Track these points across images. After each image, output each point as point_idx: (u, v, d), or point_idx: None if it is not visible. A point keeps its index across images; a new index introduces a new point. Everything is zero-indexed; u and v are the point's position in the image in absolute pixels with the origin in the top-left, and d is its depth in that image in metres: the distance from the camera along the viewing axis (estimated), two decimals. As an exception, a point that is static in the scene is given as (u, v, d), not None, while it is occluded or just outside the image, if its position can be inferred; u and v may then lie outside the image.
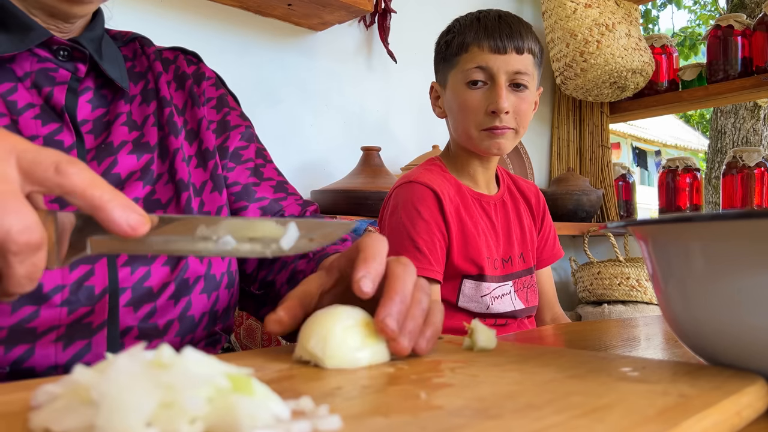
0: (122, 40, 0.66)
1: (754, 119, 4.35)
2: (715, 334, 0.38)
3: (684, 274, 0.38)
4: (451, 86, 1.06)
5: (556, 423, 0.26)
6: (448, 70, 1.06)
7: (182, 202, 0.57)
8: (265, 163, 0.69)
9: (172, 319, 0.54)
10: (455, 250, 1.02)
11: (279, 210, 0.67)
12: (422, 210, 1.00)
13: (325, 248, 0.61)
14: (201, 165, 0.62)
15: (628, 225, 0.41)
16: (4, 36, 0.52)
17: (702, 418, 0.27)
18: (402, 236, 1.00)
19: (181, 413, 0.23)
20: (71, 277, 0.50)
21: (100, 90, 0.59)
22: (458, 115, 1.04)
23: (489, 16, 1.03)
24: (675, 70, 2.24)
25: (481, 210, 1.08)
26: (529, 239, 1.14)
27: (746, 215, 0.33)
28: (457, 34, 1.04)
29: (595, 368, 0.37)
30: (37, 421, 0.25)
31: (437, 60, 1.11)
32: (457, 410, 0.28)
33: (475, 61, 1.01)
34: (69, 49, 0.56)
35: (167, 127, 0.61)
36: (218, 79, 0.70)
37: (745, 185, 1.99)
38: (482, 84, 1.01)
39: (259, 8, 1.49)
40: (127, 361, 0.24)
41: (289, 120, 1.61)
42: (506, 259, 1.09)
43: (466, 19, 1.06)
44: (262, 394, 0.25)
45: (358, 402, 0.30)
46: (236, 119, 0.67)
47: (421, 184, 1.02)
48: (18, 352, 0.47)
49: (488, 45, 1.00)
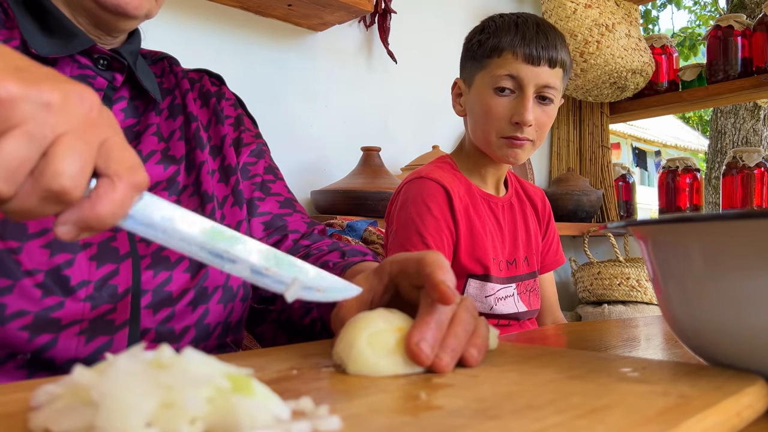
0: (152, 58, 0.69)
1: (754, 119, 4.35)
2: (715, 335, 0.38)
3: (684, 274, 0.38)
4: (476, 87, 1.04)
5: (556, 423, 0.26)
6: (476, 71, 1.04)
7: (206, 213, 0.59)
8: (276, 179, 0.70)
9: (189, 325, 0.56)
10: (462, 248, 1.02)
11: (282, 225, 0.67)
12: (432, 206, 1.00)
13: (347, 259, 0.60)
14: (223, 180, 0.63)
15: (628, 225, 0.41)
16: (49, 39, 0.54)
17: (702, 419, 0.27)
18: (410, 231, 0.99)
19: (181, 413, 0.23)
20: (97, 273, 0.51)
21: (133, 101, 0.61)
22: (480, 118, 1.03)
23: (528, 23, 1.01)
24: (675, 70, 2.24)
25: (489, 210, 1.08)
26: (534, 243, 1.14)
27: (746, 215, 0.33)
28: (492, 36, 1.01)
29: (595, 369, 0.37)
30: (37, 421, 0.25)
31: (465, 57, 1.08)
32: (457, 410, 0.28)
33: (507, 68, 0.99)
34: (108, 59, 0.58)
35: (194, 141, 0.62)
36: (237, 100, 0.72)
37: (745, 185, 1.99)
38: (509, 92, 1.00)
39: (258, 8, 1.49)
40: (127, 361, 0.24)
41: (289, 120, 1.61)
42: (511, 262, 1.09)
43: (504, 20, 1.02)
44: (262, 395, 0.25)
45: (358, 402, 0.30)
46: (249, 138, 0.69)
47: (432, 180, 1.02)
48: (42, 341, 0.47)
49: (523, 53, 0.98)
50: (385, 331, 0.38)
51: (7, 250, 0.47)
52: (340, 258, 0.61)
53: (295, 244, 0.66)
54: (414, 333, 0.37)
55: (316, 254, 0.64)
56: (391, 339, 0.38)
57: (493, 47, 1.00)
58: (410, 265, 0.43)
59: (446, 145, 2.03)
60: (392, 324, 0.39)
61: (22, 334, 0.46)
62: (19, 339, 0.46)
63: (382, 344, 0.37)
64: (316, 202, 1.57)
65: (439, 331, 0.38)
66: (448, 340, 0.38)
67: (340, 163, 1.69)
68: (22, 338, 0.47)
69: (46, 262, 0.48)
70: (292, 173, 1.58)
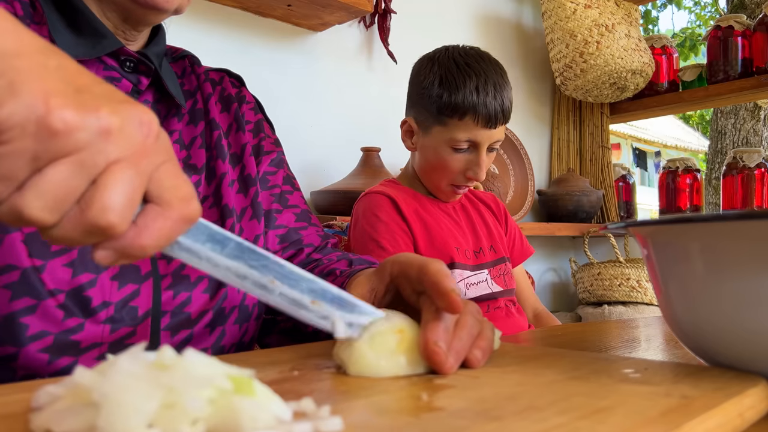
0: (172, 56, 0.66)
1: (754, 120, 4.35)
2: (716, 336, 0.37)
3: (684, 275, 0.38)
4: (432, 139, 1.06)
5: (558, 425, 0.26)
6: (433, 124, 1.05)
7: (227, 227, 0.57)
8: (293, 190, 0.69)
9: (206, 347, 0.55)
10: (421, 244, 1.06)
11: (297, 239, 0.66)
12: (380, 214, 1.05)
13: (354, 267, 0.60)
14: (242, 191, 0.62)
15: (628, 226, 0.41)
16: (78, 39, 0.53)
17: (704, 420, 0.27)
18: (365, 241, 1.03)
19: (183, 414, 0.23)
20: (118, 294, 0.50)
21: (156, 105, 0.60)
22: (433, 169, 1.08)
23: (487, 82, 1.02)
24: (675, 70, 2.24)
25: (440, 210, 1.13)
26: (496, 234, 1.18)
27: (746, 216, 0.33)
28: (452, 94, 1.01)
29: (597, 370, 0.37)
30: (39, 422, 0.24)
31: (419, 102, 1.08)
32: (459, 412, 0.28)
33: (467, 133, 1.02)
34: (135, 62, 0.56)
35: (215, 150, 0.61)
36: (257, 104, 0.71)
37: (745, 186, 1.99)
38: (465, 150, 1.05)
39: (258, 9, 1.49)
40: (128, 362, 0.24)
41: (289, 121, 1.61)
42: (477, 251, 1.14)
43: (462, 76, 1.02)
44: (263, 396, 0.25)
45: (360, 403, 0.30)
46: (269, 146, 0.68)
47: (376, 193, 1.08)
48: (62, 364, 0.47)
49: (483, 120, 1.01)
50: (386, 333, 0.38)
51: (33, 268, 0.46)
52: (347, 266, 0.61)
53: (308, 258, 0.66)
54: (430, 334, 0.37)
55: (326, 263, 0.63)
56: (392, 340, 0.38)
57: (454, 109, 1.01)
58: (411, 270, 0.42)
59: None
60: (393, 325, 0.39)
61: (42, 356, 0.46)
62: (39, 361, 0.46)
63: (383, 345, 0.37)
64: (315, 202, 1.57)
65: (447, 334, 0.38)
66: (453, 343, 0.38)
67: (340, 163, 1.69)
68: (42, 360, 0.46)
69: (68, 282, 0.47)
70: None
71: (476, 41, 2.15)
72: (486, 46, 1.17)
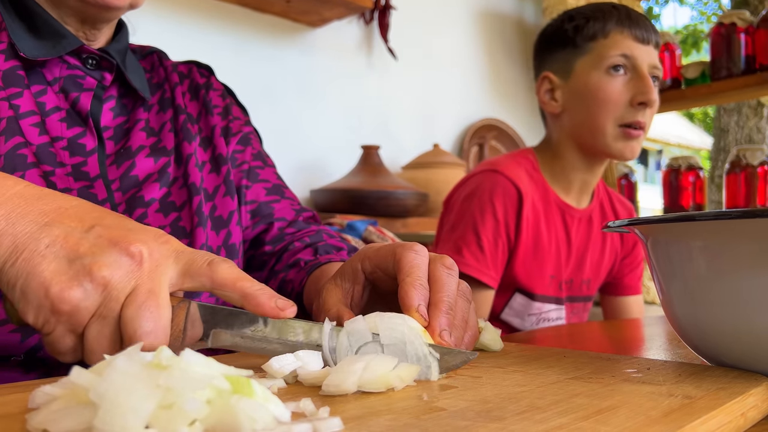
0: (141, 53, 0.69)
1: (757, 117, 4.34)
2: (718, 335, 0.37)
3: (687, 273, 0.38)
4: (580, 74, 0.96)
5: (560, 425, 0.26)
6: (575, 58, 0.97)
7: (194, 205, 0.59)
8: (265, 166, 0.70)
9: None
10: (520, 259, 0.95)
11: (268, 213, 0.67)
12: (497, 206, 0.93)
13: (318, 258, 0.61)
14: (215, 170, 0.64)
15: (630, 224, 0.41)
16: (37, 41, 0.54)
17: (707, 420, 0.27)
18: (467, 226, 0.93)
19: (181, 415, 0.23)
20: None
21: (122, 99, 0.62)
22: (593, 105, 0.94)
23: (623, 6, 0.96)
24: (678, 67, 2.23)
25: (562, 223, 1.00)
26: (604, 266, 1.05)
27: (749, 214, 0.33)
28: (590, 20, 0.95)
29: (599, 369, 0.37)
30: (35, 422, 0.24)
31: (552, 48, 1.01)
32: (460, 412, 0.28)
33: (619, 47, 0.93)
34: (97, 59, 0.58)
35: (182, 133, 0.63)
36: (226, 89, 0.73)
37: (748, 184, 1.98)
38: (623, 72, 0.93)
39: (257, 5, 1.49)
40: (125, 363, 0.24)
41: (288, 118, 1.61)
42: (568, 282, 1.02)
43: (597, 6, 0.97)
44: (262, 396, 0.25)
45: (360, 404, 0.30)
46: (237, 126, 0.69)
47: (506, 177, 0.94)
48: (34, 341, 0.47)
49: (632, 34, 0.93)
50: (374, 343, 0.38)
51: None
52: (312, 256, 0.62)
53: (281, 233, 0.66)
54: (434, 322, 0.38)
55: (291, 250, 0.64)
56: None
57: (597, 30, 0.95)
58: (387, 263, 0.43)
59: (447, 144, 2.02)
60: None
61: (14, 337, 0.46)
62: (11, 341, 0.46)
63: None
64: (315, 200, 1.57)
65: (451, 316, 0.40)
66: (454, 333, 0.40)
67: (340, 161, 1.69)
68: (14, 340, 0.46)
69: None
70: (291, 172, 1.57)
71: (477, 37, 2.14)
72: (487, 43, 1.17)
